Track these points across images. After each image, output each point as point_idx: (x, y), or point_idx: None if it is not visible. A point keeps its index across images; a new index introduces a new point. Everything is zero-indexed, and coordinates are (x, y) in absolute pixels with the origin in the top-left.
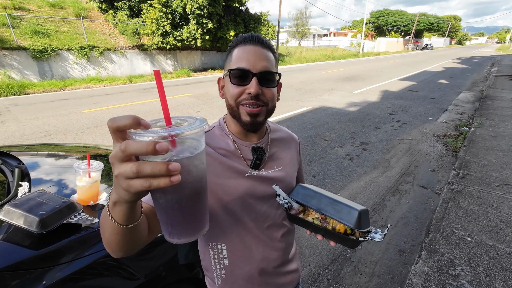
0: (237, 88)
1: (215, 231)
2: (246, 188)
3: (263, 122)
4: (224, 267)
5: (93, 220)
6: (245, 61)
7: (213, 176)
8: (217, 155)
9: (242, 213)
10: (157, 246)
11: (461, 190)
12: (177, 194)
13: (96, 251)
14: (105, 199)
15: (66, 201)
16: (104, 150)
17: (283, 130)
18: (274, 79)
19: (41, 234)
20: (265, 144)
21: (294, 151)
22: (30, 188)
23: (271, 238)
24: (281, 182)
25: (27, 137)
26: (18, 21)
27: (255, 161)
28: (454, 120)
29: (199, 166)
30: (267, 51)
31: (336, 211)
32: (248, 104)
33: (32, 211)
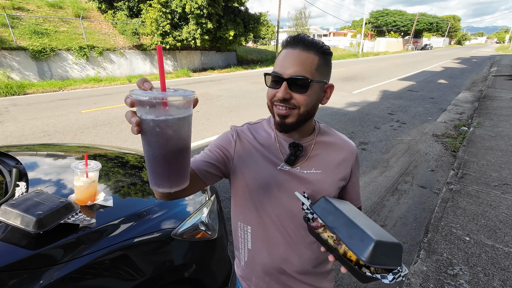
0: (272, 90)
1: (243, 211)
2: (275, 180)
3: (295, 125)
4: (247, 250)
5: (90, 220)
6: (279, 65)
7: (248, 161)
8: (256, 143)
9: (269, 204)
10: (154, 246)
11: (460, 190)
12: (156, 148)
13: (94, 251)
14: (102, 199)
15: (64, 201)
16: (103, 150)
17: (337, 135)
18: (304, 85)
19: (38, 234)
20: (307, 143)
21: (345, 160)
22: (27, 188)
23: (296, 242)
24: (314, 185)
25: (26, 137)
26: (17, 21)
27: (289, 156)
28: (453, 120)
29: (178, 130)
30: (309, 53)
31: (349, 234)
32: (278, 106)
33: (29, 211)
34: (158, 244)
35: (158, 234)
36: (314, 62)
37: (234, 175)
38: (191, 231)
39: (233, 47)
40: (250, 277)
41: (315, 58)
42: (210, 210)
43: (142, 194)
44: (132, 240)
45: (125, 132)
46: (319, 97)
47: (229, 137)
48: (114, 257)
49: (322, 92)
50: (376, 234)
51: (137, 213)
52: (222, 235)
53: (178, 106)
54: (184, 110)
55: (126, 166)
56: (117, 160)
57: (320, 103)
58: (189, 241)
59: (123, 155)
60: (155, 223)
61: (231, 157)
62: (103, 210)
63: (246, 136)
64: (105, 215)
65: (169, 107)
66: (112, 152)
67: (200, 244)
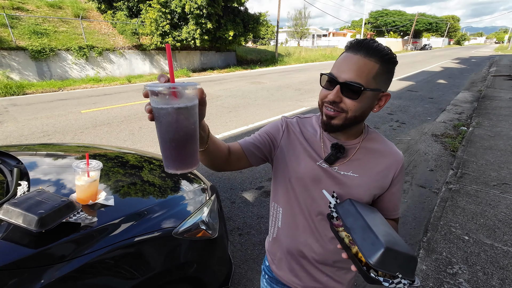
0: (325, 91)
1: (278, 194)
2: (312, 174)
3: (340, 127)
4: (277, 228)
5: (92, 219)
6: (336, 68)
7: (291, 151)
8: (301, 136)
9: (301, 193)
10: (155, 245)
11: (459, 190)
12: (166, 133)
13: (95, 250)
14: (103, 198)
15: (65, 200)
16: (103, 150)
17: (385, 143)
18: (357, 92)
19: (40, 233)
20: (351, 147)
21: (387, 169)
22: (29, 187)
23: (320, 233)
24: (347, 187)
25: (26, 137)
26: (16, 21)
27: (329, 156)
28: (453, 120)
29: (187, 117)
30: (369, 60)
31: (362, 236)
32: (327, 107)
33: (31, 210)
34: (158, 243)
35: (159, 233)
36: (373, 70)
37: (276, 161)
38: (191, 230)
39: (233, 47)
40: (275, 252)
41: (375, 66)
42: (210, 210)
43: (142, 194)
44: (133, 239)
45: (125, 132)
46: (371, 104)
47: (279, 126)
48: (115, 256)
49: (375, 100)
50: (389, 242)
51: (137, 212)
52: (222, 234)
53: (185, 96)
54: (190, 99)
55: (126, 165)
56: (117, 160)
57: (371, 111)
58: (190, 240)
59: (123, 155)
60: (155, 222)
61: (277, 145)
62: (104, 209)
63: (294, 128)
64: (106, 214)
65: (177, 96)
66: (112, 152)
67: (200, 243)
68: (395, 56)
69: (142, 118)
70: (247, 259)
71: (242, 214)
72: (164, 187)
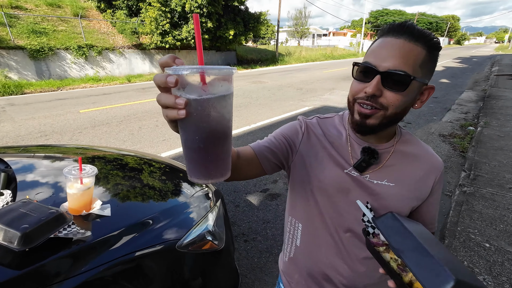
0: (358, 84)
1: (297, 207)
2: (339, 183)
3: (376, 127)
4: (295, 247)
5: (85, 232)
6: (373, 55)
7: (313, 157)
8: (324, 139)
9: (325, 207)
10: (157, 260)
11: (474, 193)
12: (193, 133)
13: (90, 269)
14: (99, 207)
15: (54, 212)
16: (102, 151)
17: (421, 146)
18: (404, 82)
19: (24, 251)
20: (384, 151)
21: (426, 176)
22: (14, 196)
23: (349, 252)
24: (383, 199)
25: (23, 137)
26: (15, 20)
27: (360, 162)
28: (459, 120)
29: (221, 111)
30: (415, 45)
31: (419, 263)
32: (362, 103)
33: (13, 224)
34: (161, 258)
35: (161, 246)
36: (420, 56)
37: (295, 169)
38: (197, 242)
39: (233, 46)
40: (292, 274)
41: (422, 52)
42: (216, 217)
43: (142, 200)
44: (132, 255)
45: (124, 132)
46: (414, 99)
47: (297, 128)
48: (113, 273)
49: (418, 94)
50: (456, 271)
51: (137, 223)
52: (229, 244)
53: (222, 83)
54: (226, 88)
55: (126, 168)
56: (116, 163)
57: (412, 107)
58: (195, 253)
59: (122, 157)
60: (157, 234)
61: (295, 150)
62: (99, 220)
63: (315, 130)
64: (102, 226)
65: (211, 84)
66: (111, 154)
67: (206, 255)
68: (440, 41)
69: (142, 118)
70: (254, 268)
71: (247, 219)
72: (165, 193)
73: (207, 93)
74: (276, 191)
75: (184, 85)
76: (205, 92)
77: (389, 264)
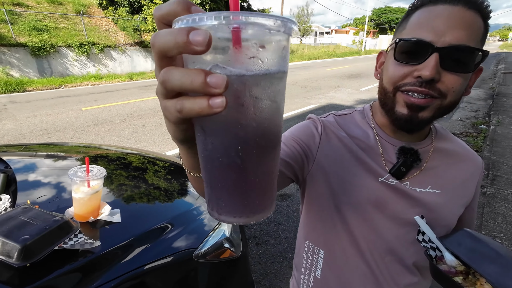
0: (402, 68)
1: (317, 229)
2: (373, 196)
3: (428, 121)
4: (313, 278)
5: (93, 242)
6: (427, 28)
7: (337, 166)
8: (351, 142)
9: (358, 226)
10: (173, 271)
11: (495, 194)
12: (224, 137)
13: (102, 284)
14: (108, 213)
15: (59, 220)
16: (105, 150)
17: (458, 142)
18: (470, 60)
19: (24, 267)
20: (423, 150)
21: (470, 177)
22: (14, 200)
23: (389, 281)
24: (432, 211)
25: (24, 135)
26: (16, 17)
27: (399, 167)
28: (470, 118)
29: (278, 98)
30: (475, 14)
31: None
32: (412, 92)
33: (12, 235)
34: (177, 269)
35: (177, 257)
36: (481, 28)
37: (312, 182)
38: (215, 251)
39: None
40: None
41: (481, 23)
42: None
43: (152, 204)
44: (147, 267)
45: (127, 130)
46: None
47: (312, 129)
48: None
49: (473, 77)
50: None
51: (150, 231)
52: (246, 251)
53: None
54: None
55: (133, 169)
56: (123, 163)
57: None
58: (211, 262)
59: (129, 157)
60: (172, 243)
61: (312, 158)
62: (109, 227)
63: (335, 130)
64: (111, 234)
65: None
66: (114, 153)
67: (222, 265)
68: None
69: (145, 116)
70: (268, 273)
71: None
72: (175, 195)
73: (261, 64)
74: (286, 191)
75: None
76: (260, 62)
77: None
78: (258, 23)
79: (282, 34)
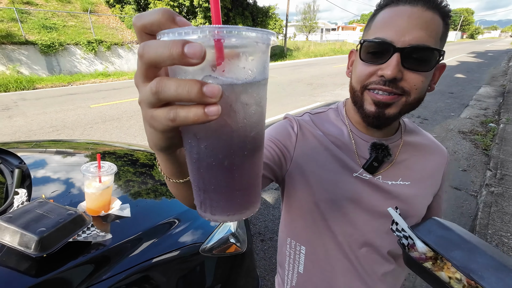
0: (368, 67)
1: (297, 226)
2: (349, 191)
3: (395, 117)
4: (297, 274)
5: (105, 235)
6: (389, 28)
7: (313, 163)
8: (326, 140)
9: (335, 221)
10: (181, 265)
11: (503, 193)
12: (217, 142)
13: (113, 275)
14: (118, 208)
15: (73, 213)
16: (113, 146)
17: (426, 135)
18: (430, 59)
19: (41, 257)
20: (393, 145)
21: (437, 168)
22: (29, 195)
23: (367, 270)
24: (404, 202)
25: (35, 132)
26: (26, 16)
27: (371, 162)
28: (479, 116)
29: (262, 103)
30: (434, 14)
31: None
32: (377, 90)
33: (30, 227)
34: (184, 263)
35: (185, 250)
36: (440, 27)
37: (291, 180)
38: (220, 245)
39: None
40: None
41: (440, 21)
42: None
43: (159, 200)
44: (156, 259)
45: (134, 127)
46: (430, 80)
47: (288, 129)
48: (136, 280)
49: (436, 73)
50: None
51: (158, 225)
52: (251, 247)
53: (262, 55)
54: (261, 66)
55: (141, 166)
56: (130, 159)
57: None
58: (218, 257)
59: (137, 153)
60: (179, 237)
61: (289, 157)
62: (119, 222)
63: (311, 129)
64: (122, 228)
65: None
66: (122, 149)
67: (228, 259)
68: None
69: None
70: (272, 269)
71: (263, 218)
72: None
73: (250, 73)
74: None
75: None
76: (249, 71)
77: (450, 286)
78: (244, 36)
79: (265, 45)
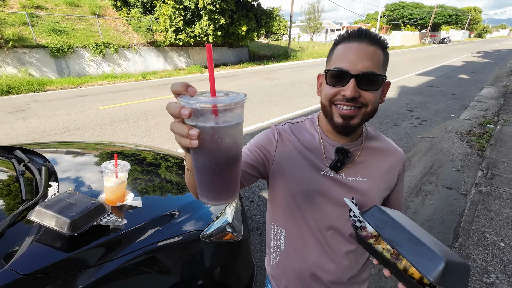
0: (332, 89)
1: (278, 213)
2: (317, 186)
3: (358, 126)
4: (279, 252)
5: (121, 221)
6: (344, 60)
7: (290, 163)
8: (299, 145)
9: (307, 209)
10: (184, 248)
11: (491, 192)
12: (207, 157)
13: (125, 254)
14: (131, 199)
15: (95, 202)
16: (120, 147)
17: (385, 140)
18: (377, 81)
19: (72, 236)
20: (355, 149)
21: (392, 168)
22: (58, 188)
23: (333, 249)
24: (361, 195)
25: (47, 133)
26: (36, 20)
27: (335, 162)
28: (478, 117)
29: (233, 137)
30: (376, 48)
31: (413, 251)
32: (341, 105)
33: (63, 212)
34: (187, 246)
35: (187, 236)
36: (381, 57)
37: (273, 177)
38: (218, 233)
39: (245, 42)
40: (280, 278)
41: (381, 53)
42: (235, 211)
43: (166, 195)
44: (162, 242)
45: (142, 128)
46: (380, 95)
47: (270, 136)
48: (145, 259)
49: (384, 89)
50: (445, 253)
51: (165, 215)
52: (246, 236)
53: (234, 112)
54: (240, 115)
55: (149, 164)
56: (138, 158)
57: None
58: (216, 243)
59: (143, 153)
60: (183, 225)
61: (271, 159)
62: (132, 211)
63: (289, 136)
64: (134, 216)
65: (224, 114)
66: (129, 149)
67: (226, 246)
68: None
69: (158, 115)
70: None
71: (261, 213)
72: (185, 189)
73: (220, 122)
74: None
75: (197, 116)
76: (218, 122)
77: (383, 254)
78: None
79: (242, 105)
